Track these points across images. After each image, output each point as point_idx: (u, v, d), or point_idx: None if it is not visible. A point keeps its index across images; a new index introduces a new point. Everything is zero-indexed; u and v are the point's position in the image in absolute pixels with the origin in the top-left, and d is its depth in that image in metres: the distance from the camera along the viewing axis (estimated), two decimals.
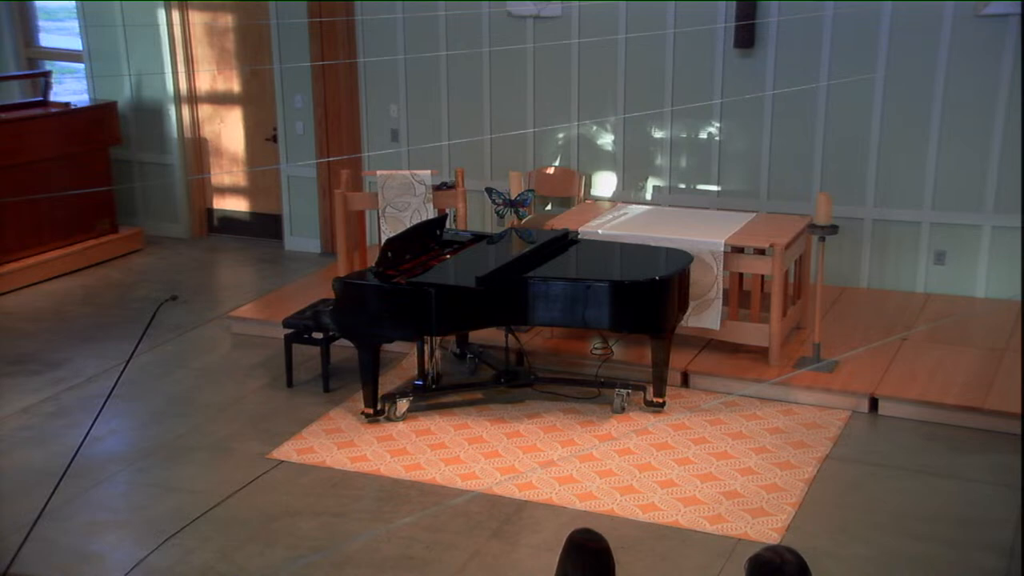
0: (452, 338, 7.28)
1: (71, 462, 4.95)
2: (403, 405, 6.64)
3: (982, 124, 7.76)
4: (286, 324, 7.15)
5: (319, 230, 9.84)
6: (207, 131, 10.34)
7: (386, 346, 6.94)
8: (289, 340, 7.14)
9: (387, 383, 7.01)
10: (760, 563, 3.29)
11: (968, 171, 7.86)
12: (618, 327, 6.49)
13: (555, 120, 8.82)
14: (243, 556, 5.26)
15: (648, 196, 8.74)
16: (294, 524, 5.53)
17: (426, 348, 6.92)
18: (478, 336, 7.34)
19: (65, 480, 5.05)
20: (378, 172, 8.12)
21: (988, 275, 7.94)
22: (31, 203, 9.09)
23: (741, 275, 7.36)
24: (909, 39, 7.83)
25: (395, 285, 6.34)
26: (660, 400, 6.63)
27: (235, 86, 10.13)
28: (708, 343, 7.23)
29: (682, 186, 8.65)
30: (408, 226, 7.43)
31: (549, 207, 8.93)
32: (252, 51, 9.92)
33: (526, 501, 5.68)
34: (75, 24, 10.54)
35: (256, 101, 10.06)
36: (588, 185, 8.90)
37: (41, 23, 11.29)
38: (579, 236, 7.17)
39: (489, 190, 7.73)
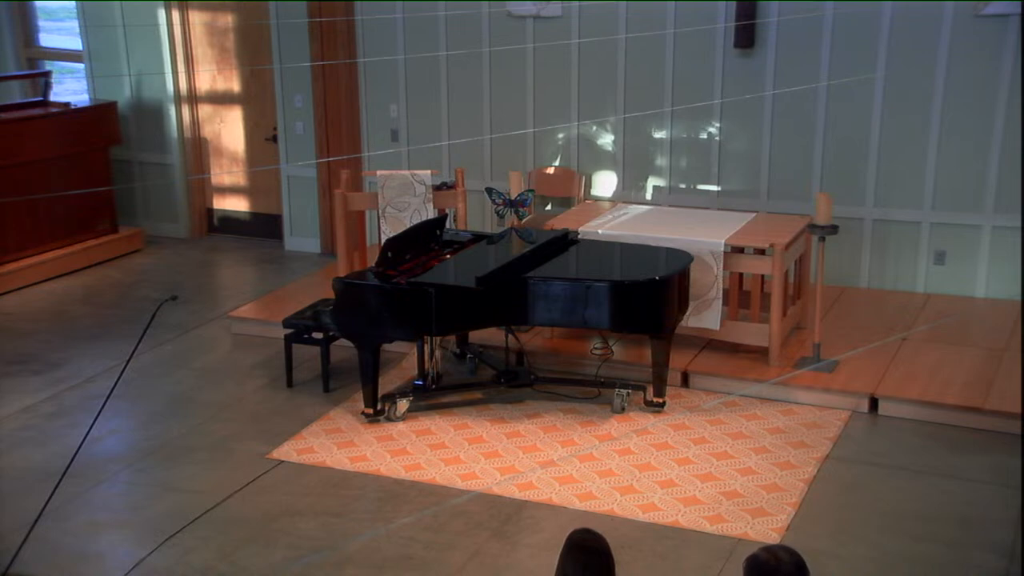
0: (452, 338, 7.28)
1: (71, 462, 4.96)
2: (403, 405, 6.64)
3: (982, 124, 7.76)
4: (286, 324, 7.15)
5: (319, 230, 9.84)
6: (207, 131, 10.34)
7: (386, 346, 6.94)
8: (289, 340, 7.14)
9: (387, 383, 7.01)
10: (756, 564, 3.28)
11: (968, 171, 7.86)
12: (618, 327, 6.49)
13: (555, 120, 8.82)
14: (243, 556, 5.26)
15: (648, 196, 8.75)
16: (294, 524, 5.53)
17: (426, 348, 6.92)
18: (478, 336, 7.34)
19: (65, 480, 5.05)
20: (378, 172, 8.12)
21: (988, 275, 7.94)
22: (31, 203, 9.09)
23: (741, 275, 7.36)
24: (909, 39, 7.83)
25: (395, 285, 6.34)
26: (660, 400, 6.63)
27: (235, 86, 10.13)
28: (708, 343, 7.23)
29: (682, 186, 8.65)
30: (408, 226, 7.43)
31: (549, 207, 8.93)
32: (252, 51, 9.92)
33: (526, 501, 5.68)
34: (75, 24, 10.54)
35: (256, 101, 10.06)
36: (588, 185, 8.90)
37: (41, 23, 11.29)
38: (579, 236, 7.17)
39: (489, 190, 7.73)
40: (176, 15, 10.04)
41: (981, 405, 6.34)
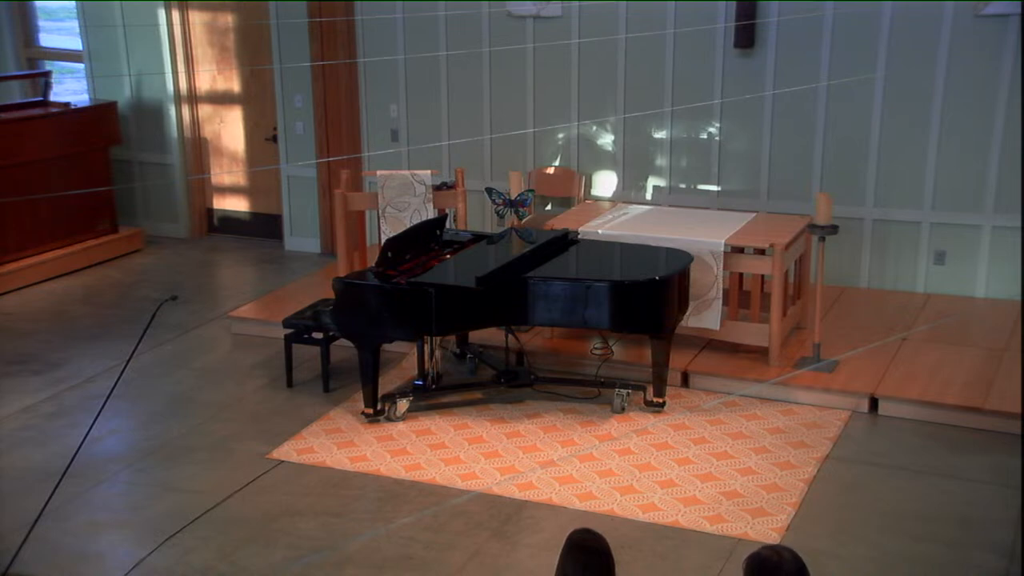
0: (452, 338, 7.28)
1: (71, 462, 4.96)
2: (403, 405, 6.64)
3: (982, 124, 7.76)
4: (286, 324, 7.15)
5: (319, 230, 9.84)
6: (207, 131, 10.34)
7: (386, 346, 6.94)
8: (289, 340, 7.14)
9: (387, 383, 7.01)
10: (758, 561, 3.29)
11: (968, 171, 7.86)
12: (618, 327, 6.49)
13: (555, 120, 8.82)
14: (243, 556, 5.26)
15: (648, 196, 8.75)
16: (294, 524, 5.53)
17: (426, 348, 6.92)
18: (478, 336, 7.34)
19: (65, 480, 5.06)
20: (378, 172, 8.12)
21: (988, 275, 7.94)
22: (31, 203, 9.09)
23: (741, 275, 7.36)
24: (909, 39, 7.83)
25: (395, 285, 6.34)
26: (660, 400, 6.63)
27: (235, 86, 10.13)
28: (708, 343, 7.23)
29: (682, 186, 8.65)
30: (408, 226, 7.43)
31: (549, 207, 8.93)
32: (252, 51, 9.92)
33: (526, 501, 5.68)
34: (75, 24, 10.54)
35: (256, 101, 10.06)
36: (588, 185, 8.90)
37: (41, 23, 11.29)
38: (579, 236, 7.17)
39: (489, 190, 7.73)
40: (176, 15, 10.04)
41: (981, 405, 6.34)
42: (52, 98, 9.92)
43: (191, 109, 10.26)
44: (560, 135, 8.93)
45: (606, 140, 8.82)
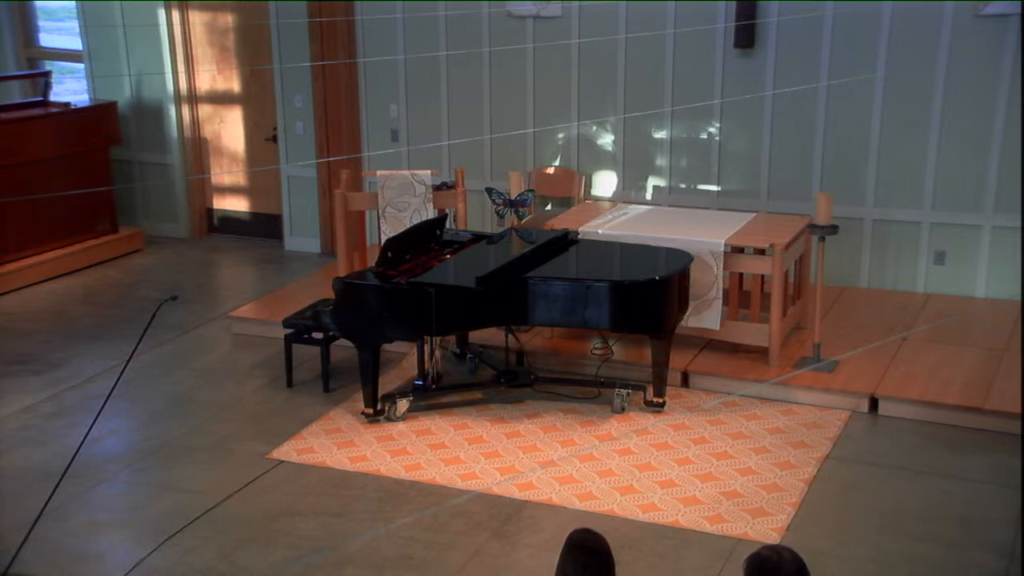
0: (452, 338, 7.28)
1: (71, 462, 4.96)
2: (403, 405, 6.64)
3: (982, 124, 7.76)
4: (286, 324, 7.15)
5: (319, 230, 9.84)
6: (207, 131, 10.34)
7: (386, 346, 6.94)
8: (289, 340, 7.14)
9: (387, 383, 7.01)
10: (758, 561, 3.29)
11: (968, 171, 7.86)
12: (618, 327, 6.49)
13: (555, 120, 8.82)
14: (243, 556, 5.26)
15: (648, 196, 8.75)
16: (294, 524, 5.53)
17: (426, 348, 6.93)
18: (478, 336, 7.35)
19: (65, 480, 5.06)
20: (378, 172, 8.12)
21: (988, 275, 7.94)
22: (31, 203, 9.09)
23: (741, 275, 7.36)
24: (909, 39, 7.83)
25: (395, 285, 6.34)
26: (660, 400, 6.63)
27: (235, 86, 10.13)
28: (708, 343, 7.23)
29: (682, 186, 8.65)
30: (408, 226, 7.43)
31: (549, 207, 8.93)
32: (252, 51, 9.92)
33: (526, 501, 5.68)
34: (75, 24, 10.54)
35: (256, 101, 10.06)
36: (588, 185, 8.90)
37: (41, 23, 11.29)
38: (579, 236, 7.17)
39: (489, 190, 7.73)
40: (176, 15, 10.04)
41: (981, 405, 6.34)
42: (52, 98, 9.92)
43: (191, 109, 10.27)
44: (560, 135, 8.93)
45: (606, 140, 8.82)
